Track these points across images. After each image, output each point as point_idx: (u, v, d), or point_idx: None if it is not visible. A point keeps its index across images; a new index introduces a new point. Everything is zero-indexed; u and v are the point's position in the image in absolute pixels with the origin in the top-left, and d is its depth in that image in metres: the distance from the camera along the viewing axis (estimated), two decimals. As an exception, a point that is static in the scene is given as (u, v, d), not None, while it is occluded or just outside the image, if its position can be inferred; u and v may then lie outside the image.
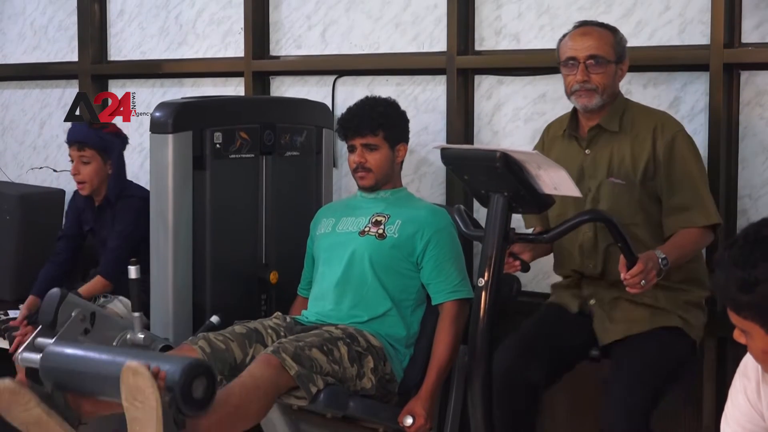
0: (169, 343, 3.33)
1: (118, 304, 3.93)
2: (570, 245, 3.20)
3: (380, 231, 3.43)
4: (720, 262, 1.97)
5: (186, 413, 2.61)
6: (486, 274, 2.81)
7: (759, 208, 3.45)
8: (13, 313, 4.32)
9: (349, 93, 4.20)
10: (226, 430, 2.86)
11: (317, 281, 3.53)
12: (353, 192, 3.75)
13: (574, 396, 3.71)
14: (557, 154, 3.22)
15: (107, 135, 4.12)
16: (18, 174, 5.25)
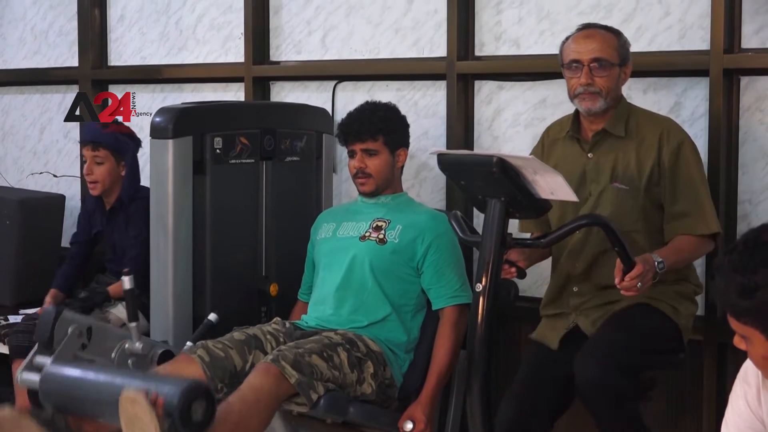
0: (168, 347, 3.33)
1: (120, 308, 3.95)
2: (560, 247, 3.18)
3: (381, 236, 3.42)
4: (720, 267, 1.97)
5: None
6: (483, 280, 2.81)
7: (759, 214, 3.45)
8: (13, 318, 4.32)
9: (349, 98, 4.20)
10: None
11: (317, 286, 3.52)
12: (353, 197, 3.76)
13: (573, 409, 3.71)
14: (558, 157, 3.21)
15: (122, 136, 4.12)
16: (18, 179, 5.25)
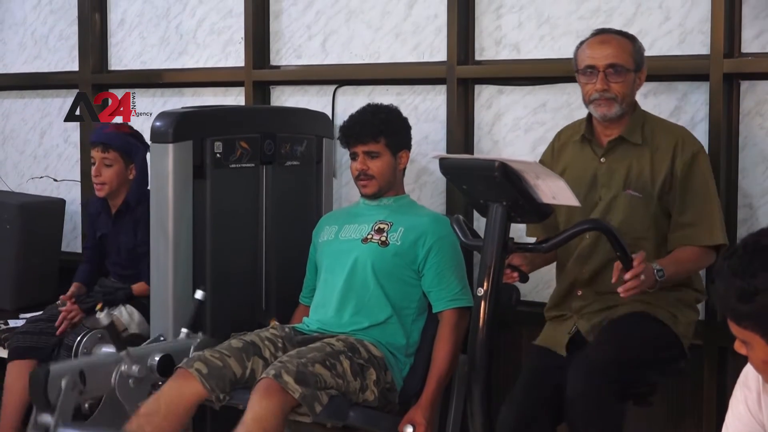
0: (166, 350, 3.31)
1: (123, 311, 3.95)
2: (569, 252, 3.18)
3: (383, 238, 3.42)
4: (719, 272, 1.97)
5: None
6: (485, 284, 2.80)
7: (759, 218, 3.45)
8: (13, 323, 4.32)
9: (349, 103, 4.20)
10: None
11: (320, 288, 3.52)
12: (353, 202, 3.76)
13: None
14: (568, 160, 3.21)
15: (132, 139, 4.11)
16: (18, 183, 5.25)
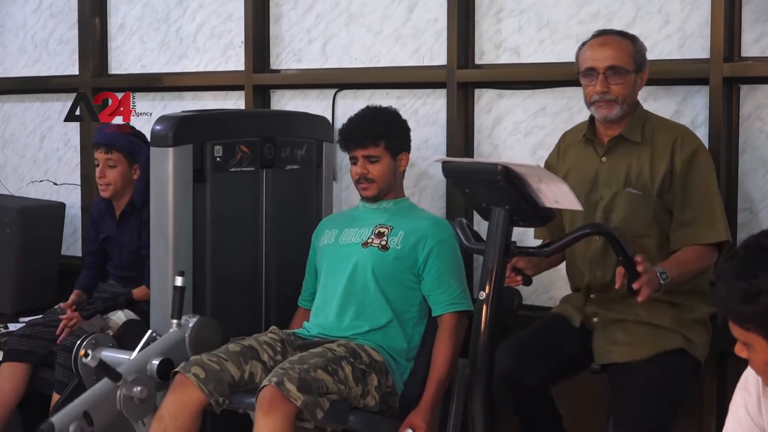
0: (165, 355, 3.31)
1: (121, 315, 3.96)
2: (581, 257, 3.19)
3: (383, 242, 3.42)
4: (721, 274, 1.97)
5: None
6: (487, 288, 2.80)
7: (759, 221, 3.45)
8: (13, 326, 4.31)
9: (349, 106, 4.20)
10: None
11: (320, 292, 3.52)
12: (353, 206, 3.75)
13: (572, 408, 3.71)
14: (573, 161, 3.23)
15: (135, 139, 4.10)
16: (18, 187, 5.25)
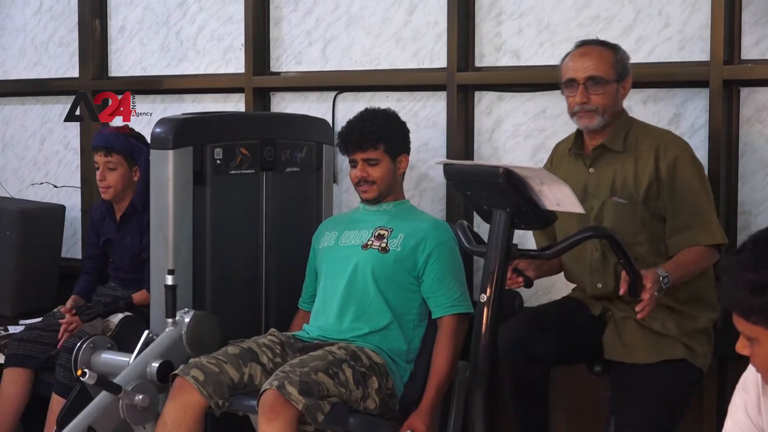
0: (164, 358, 3.31)
1: (120, 317, 3.95)
2: (580, 264, 3.19)
3: (383, 245, 3.42)
4: (727, 268, 1.95)
5: None
6: (488, 290, 2.80)
7: (759, 224, 3.45)
8: (12, 329, 4.31)
9: (349, 109, 4.20)
10: None
11: (320, 294, 3.52)
12: (353, 208, 3.75)
13: (573, 408, 3.71)
14: (564, 173, 3.22)
15: (133, 140, 4.10)
16: (18, 189, 5.24)
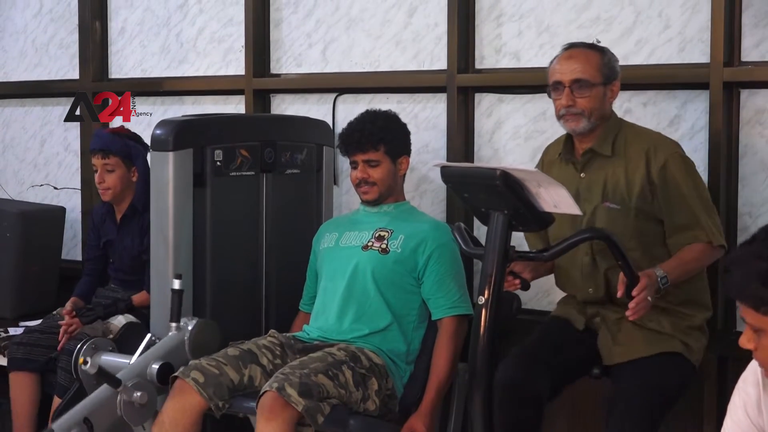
0: (164, 360, 3.30)
1: (120, 318, 3.96)
2: (571, 269, 3.19)
3: (383, 246, 3.42)
4: (736, 259, 1.95)
5: None
6: (486, 292, 2.80)
7: (759, 226, 3.43)
8: (13, 330, 4.32)
9: (349, 111, 4.20)
10: None
11: (320, 295, 3.52)
12: (354, 209, 3.75)
13: (573, 413, 3.71)
14: (555, 178, 3.20)
15: (130, 141, 4.10)
16: (18, 191, 5.25)
